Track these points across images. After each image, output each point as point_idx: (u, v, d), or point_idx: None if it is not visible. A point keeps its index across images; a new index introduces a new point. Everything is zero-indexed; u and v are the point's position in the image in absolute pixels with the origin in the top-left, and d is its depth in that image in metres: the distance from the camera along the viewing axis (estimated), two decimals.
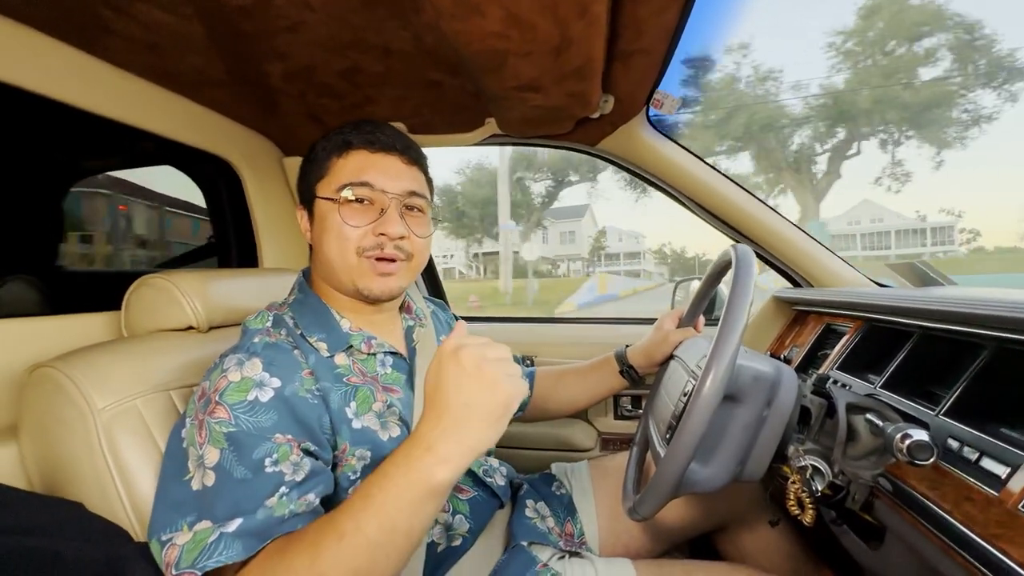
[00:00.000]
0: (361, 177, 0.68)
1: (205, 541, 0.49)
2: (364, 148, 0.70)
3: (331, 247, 0.68)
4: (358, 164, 0.69)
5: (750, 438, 0.64)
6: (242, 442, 0.53)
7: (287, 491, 0.53)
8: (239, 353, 0.60)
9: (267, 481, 0.52)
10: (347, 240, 0.67)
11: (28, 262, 0.93)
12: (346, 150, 0.70)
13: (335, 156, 0.70)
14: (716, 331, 0.58)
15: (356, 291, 0.69)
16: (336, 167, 0.70)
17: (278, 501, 0.52)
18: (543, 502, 0.89)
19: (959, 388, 0.59)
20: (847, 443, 0.61)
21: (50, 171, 1.00)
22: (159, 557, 0.50)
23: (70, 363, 0.62)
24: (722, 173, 1.13)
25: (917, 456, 0.51)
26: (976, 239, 31.84)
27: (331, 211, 0.68)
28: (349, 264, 0.68)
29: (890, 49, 18.70)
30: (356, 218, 0.67)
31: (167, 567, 0.49)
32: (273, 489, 0.52)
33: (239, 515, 0.50)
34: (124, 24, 0.72)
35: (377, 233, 0.68)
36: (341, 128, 0.71)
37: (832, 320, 1.00)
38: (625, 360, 0.96)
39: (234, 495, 0.51)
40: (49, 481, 0.62)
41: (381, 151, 0.70)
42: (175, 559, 0.49)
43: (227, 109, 1.03)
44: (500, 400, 0.48)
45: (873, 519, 0.63)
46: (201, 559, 0.48)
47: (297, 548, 0.49)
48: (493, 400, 0.48)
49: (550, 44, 0.70)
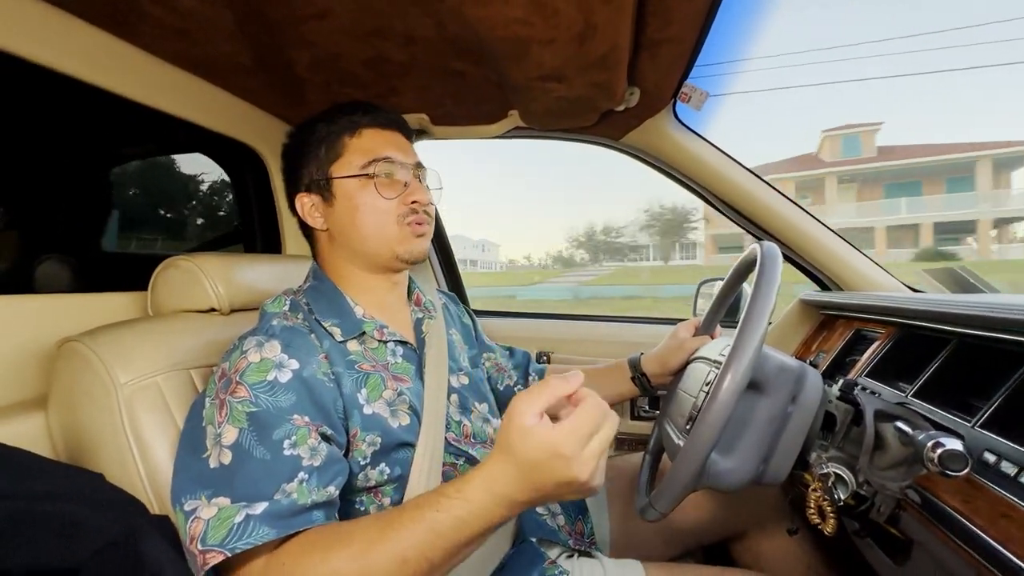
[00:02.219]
0: (383, 153, 0.72)
1: (232, 520, 0.49)
2: (374, 127, 0.74)
3: (366, 222, 0.71)
4: (374, 141, 0.73)
5: (774, 433, 0.62)
6: (262, 422, 0.54)
7: (306, 477, 0.53)
8: (258, 335, 0.61)
9: (285, 464, 0.53)
10: (385, 212, 0.71)
11: (64, 242, 0.97)
12: (356, 129, 0.73)
13: (347, 136, 0.73)
14: (739, 323, 0.56)
15: (394, 258, 0.72)
16: (352, 146, 0.72)
17: (298, 487, 0.52)
18: None
19: (998, 399, 0.55)
20: (874, 452, 0.58)
21: (88, 156, 1.03)
22: (183, 528, 0.51)
23: (96, 338, 0.64)
24: (752, 172, 1.10)
25: (950, 466, 0.48)
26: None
27: (361, 188, 0.71)
28: (388, 235, 0.71)
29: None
30: (389, 191, 0.71)
31: (192, 540, 0.49)
32: (291, 473, 0.53)
33: (260, 498, 0.50)
34: (156, 9, 0.73)
35: (409, 202, 0.72)
36: (336, 113, 0.73)
37: (862, 325, 0.95)
38: (638, 367, 0.93)
39: (252, 475, 0.52)
40: (73, 451, 0.64)
41: (388, 128, 0.75)
42: (200, 533, 0.49)
43: (255, 97, 1.05)
44: (580, 491, 0.47)
45: (899, 532, 0.60)
46: (231, 540, 0.48)
47: (341, 547, 0.49)
48: (578, 488, 0.47)
49: (574, 31, 0.68)
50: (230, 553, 0.48)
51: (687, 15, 0.72)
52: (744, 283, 0.85)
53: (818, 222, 1.10)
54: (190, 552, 0.50)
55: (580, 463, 0.45)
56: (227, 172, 1.26)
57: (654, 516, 0.63)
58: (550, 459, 0.45)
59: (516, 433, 0.46)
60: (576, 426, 0.45)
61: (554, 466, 0.45)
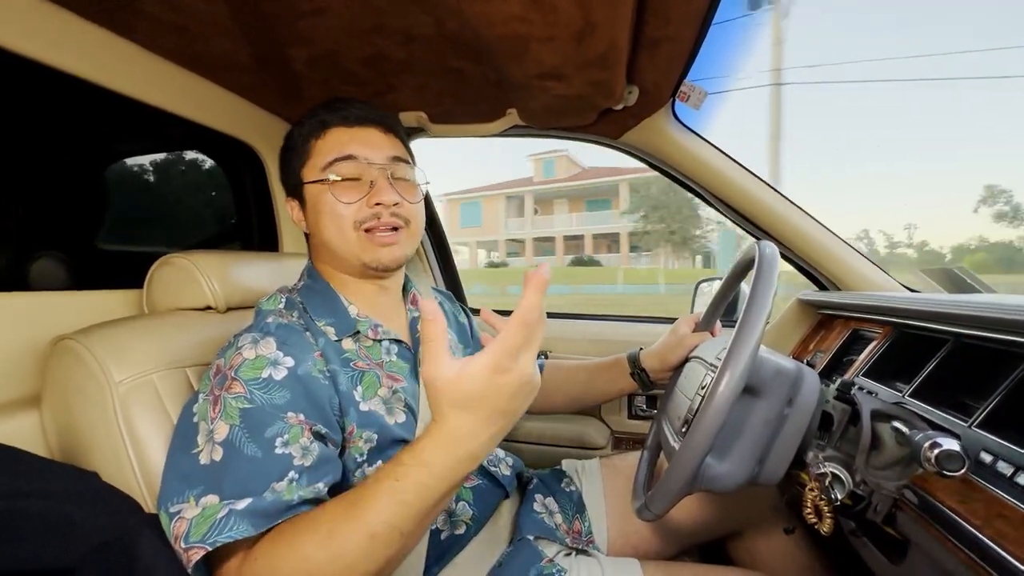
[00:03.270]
0: (344, 151, 0.68)
1: (214, 516, 0.49)
2: (341, 125, 0.70)
3: (328, 228, 0.68)
4: (338, 140, 0.69)
5: (769, 436, 0.61)
6: (255, 419, 0.54)
7: (296, 476, 0.53)
8: (254, 332, 0.61)
9: (276, 462, 0.53)
10: (342, 217, 0.67)
11: (59, 239, 0.96)
12: (323, 130, 0.70)
13: (313, 139, 0.70)
14: (736, 325, 0.56)
15: (363, 266, 0.69)
16: (316, 148, 0.70)
17: (287, 486, 0.52)
18: (552, 498, 0.88)
19: (995, 399, 0.55)
20: (871, 451, 0.58)
21: (84, 152, 1.03)
22: (168, 529, 0.51)
23: (91, 336, 0.64)
24: (749, 171, 1.10)
25: (946, 466, 0.48)
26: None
27: (322, 192, 0.68)
28: (349, 241, 0.68)
29: None
30: (348, 194, 0.67)
31: (176, 539, 0.49)
32: (282, 472, 0.52)
33: (248, 494, 0.50)
34: (153, 6, 0.73)
35: (372, 204, 0.67)
36: (313, 111, 0.72)
37: (860, 325, 0.96)
38: (638, 363, 0.93)
39: (242, 472, 0.52)
40: (67, 450, 0.63)
41: (358, 124, 0.70)
42: (184, 532, 0.49)
43: (252, 95, 1.05)
44: (529, 392, 0.48)
45: (896, 532, 0.60)
46: (211, 534, 0.48)
47: (308, 533, 0.48)
48: (519, 411, 0.48)
49: (573, 28, 0.68)
50: (210, 547, 0.48)
51: (686, 14, 0.72)
52: (742, 282, 0.85)
53: (816, 222, 1.10)
54: (176, 552, 0.50)
55: (519, 369, 0.45)
56: (224, 169, 1.25)
57: (649, 517, 0.64)
58: (488, 384, 0.45)
59: (444, 387, 0.45)
60: (502, 342, 0.45)
61: (496, 384, 0.45)
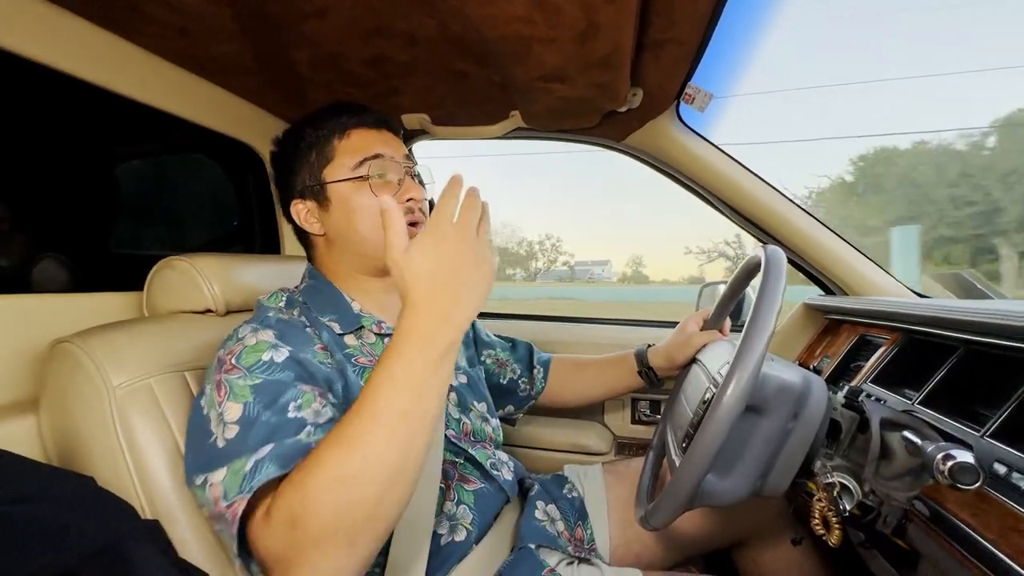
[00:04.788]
0: (372, 151, 0.70)
1: (243, 470, 0.49)
2: (361, 127, 0.72)
3: (364, 224, 0.69)
4: (363, 141, 0.71)
5: (772, 452, 0.60)
6: (266, 389, 0.54)
7: (312, 430, 0.52)
8: (253, 323, 0.61)
9: (291, 424, 0.52)
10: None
11: (60, 241, 0.96)
12: (345, 130, 0.72)
13: (336, 139, 0.72)
14: (740, 338, 0.55)
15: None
16: (342, 148, 0.71)
17: (305, 438, 0.52)
18: (554, 504, 0.87)
19: (1008, 408, 0.54)
20: (880, 461, 0.57)
21: (87, 155, 1.03)
22: (204, 499, 0.50)
23: (89, 339, 0.63)
24: (755, 174, 1.09)
25: (961, 480, 0.47)
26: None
27: (355, 190, 0.70)
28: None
29: None
30: (383, 191, 0.70)
31: (215, 503, 0.49)
32: (297, 431, 0.52)
33: (269, 443, 0.50)
34: (156, 8, 0.73)
35: (405, 200, 0.70)
36: (324, 115, 0.73)
37: (867, 331, 0.94)
38: (645, 360, 0.93)
39: (260, 434, 0.51)
40: (64, 454, 0.63)
41: (374, 127, 0.73)
42: (220, 494, 0.49)
43: (256, 97, 1.05)
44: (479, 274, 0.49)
45: (906, 544, 0.59)
46: (245, 484, 0.48)
47: (320, 447, 0.47)
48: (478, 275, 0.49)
49: (576, 30, 0.67)
50: (248, 494, 0.47)
51: (691, 15, 0.71)
52: (748, 288, 0.84)
53: (823, 225, 1.09)
54: (217, 517, 0.49)
55: (458, 233, 0.48)
56: (226, 172, 1.25)
57: (651, 528, 0.63)
58: (434, 250, 0.48)
59: (400, 262, 0.48)
60: (437, 214, 0.49)
61: (441, 251, 0.47)
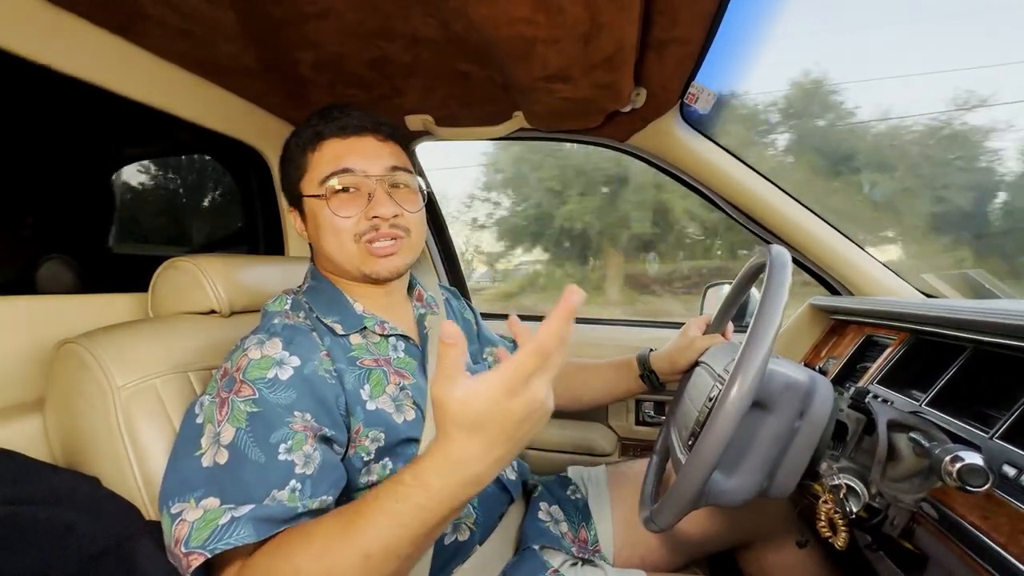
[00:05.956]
0: (340, 164, 0.67)
1: (216, 522, 0.48)
2: (336, 136, 0.69)
3: (328, 242, 0.68)
4: (334, 153, 0.68)
5: (779, 450, 0.60)
6: (261, 422, 0.53)
7: (299, 486, 0.52)
8: (259, 334, 0.61)
9: (278, 469, 0.52)
10: (342, 231, 0.67)
11: (67, 243, 0.96)
12: (318, 142, 0.69)
13: (308, 151, 0.70)
14: (745, 337, 0.55)
15: (364, 276, 0.70)
16: (313, 161, 0.69)
17: (289, 495, 0.51)
18: (557, 505, 0.87)
19: (1018, 409, 0.53)
20: (887, 463, 0.57)
21: (93, 157, 1.03)
22: (168, 531, 0.50)
23: (94, 340, 0.64)
24: (760, 173, 1.08)
25: (969, 481, 0.46)
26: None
27: (320, 207, 0.68)
28: (350, 253, 0.68)
29: None
30: (346, 208, 0.67)
31: (176, 543, 0.48)
32: (283, 480, 0.52)
33: (249, 501, 0.50)
34: (160, 11, 0.73)
35: (370, 217, 0.67)
36: (309, 120, 0.71)
37: (874, 331, 0.93)
38: (647, 364, 0.92)
39: (245, 477, 0.51)
40: (69, 454, 0.63)
41: (353, 135, 0.69)
42: (185, 536, 0.48)
43: (259, 99, 1.05)
44: (529, 436, 0.45)
45: (913, 547, 0.58)
46: (212, 540, 0.47)
47: (303, 547, 0.47)
48: (527, 436, 0.45)
49: (579, 30, 0.67)
50: (210, 554, 0.47)
51: (694, 15, 0.71)
52: (751, 289, 0.84)
53: (829, 225, 1.08)
54: (174, 555, 0.49)
55: (531, 394, 0.41)
56: (231, 173, 1.26)
57: (655, 529, 0.62)
58: (496, 407, 0.41)
59: (452, 407, 0.41)
60: (516, 367, 0.41)
61: (505, 408, 0.41)
